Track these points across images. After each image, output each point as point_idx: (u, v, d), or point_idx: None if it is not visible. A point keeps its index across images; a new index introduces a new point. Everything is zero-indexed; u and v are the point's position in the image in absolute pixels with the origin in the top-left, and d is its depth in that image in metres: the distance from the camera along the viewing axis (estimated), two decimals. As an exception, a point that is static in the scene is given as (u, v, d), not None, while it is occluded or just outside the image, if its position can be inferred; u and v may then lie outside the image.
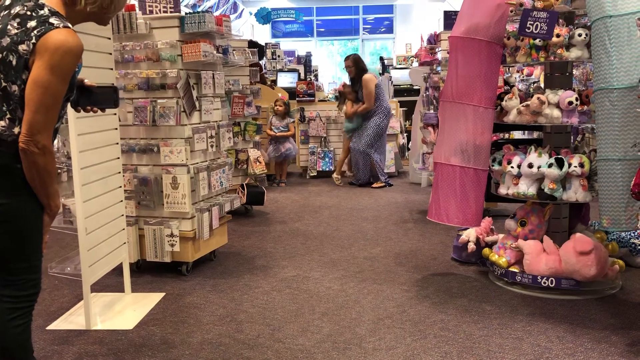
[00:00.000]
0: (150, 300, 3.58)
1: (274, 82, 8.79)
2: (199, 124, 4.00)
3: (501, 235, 3.94)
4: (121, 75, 3.87)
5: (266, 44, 10.16)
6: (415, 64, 7.41)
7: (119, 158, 3.52)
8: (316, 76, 10.40)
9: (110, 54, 3.44)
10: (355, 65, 7.46)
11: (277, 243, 4.88)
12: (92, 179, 3.20)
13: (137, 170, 3.97)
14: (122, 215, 3.58)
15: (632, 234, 3.93)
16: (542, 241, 3.55)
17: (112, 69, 3.47)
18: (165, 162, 3.87)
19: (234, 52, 4.78)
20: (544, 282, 3.47)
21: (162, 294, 3.67)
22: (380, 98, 7.40)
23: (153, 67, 3.85)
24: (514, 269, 3.64)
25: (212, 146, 4.11)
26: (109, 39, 3.42)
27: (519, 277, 3.58)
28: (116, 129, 3.49)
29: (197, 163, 3.98)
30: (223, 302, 3.53)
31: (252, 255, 4.54)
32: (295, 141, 7.90)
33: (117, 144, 3.51)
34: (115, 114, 3.47)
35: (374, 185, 7.49)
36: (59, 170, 5.82)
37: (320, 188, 7.53)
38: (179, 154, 3.83)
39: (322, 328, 3.14)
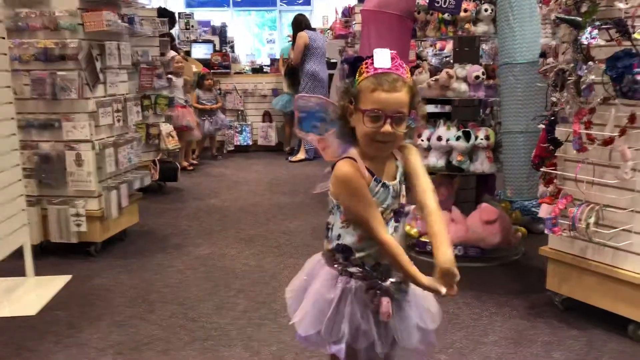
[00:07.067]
0: (55, 283, 3.41)
1: (188, 53, 8.48)
2: (104, 97, 3.80)
3: (412, 207, 4.03)
4: (15, 45, 3.59)
5: (180, 13, 9.77)
6: (331, 36, 7.40)
7: (15, 134, 3.29)
8: (232, 48, 10.12)
9: (1, 21, 3.18)
10: (293, 26, 7.33)
11: (192, 220, 4.77)
12: (-15, 157, 2.98)
13: (37, 147, 3.73)
14: (22, 195, 3.36)
15: (533, 203, 4.14)
16: (450, 211, 3.67)
17: (4, 38, 3.21)
18: (67, 138, 3.66)
19: (141, 21, 4.55)
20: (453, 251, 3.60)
21: (68, 277, 3.50)
22: (306, 59, 7.13)
23: (51, 37, 3.60)
24: (424, 239, 3.75)
25: (118, 120, 3.92)
26: (-1, 5, 3.16)
27: (430, 247, 3.68)
28: (11, 102, 3.25)
29: (103, 139, 3.80)
30: (134, 283, 3.42)
31: (166, 233, 4.42)
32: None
33: (13, 119, 3.27)
34: (8, 86, 3.23)
35: (293, 159, 7.46)
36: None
37: (237, 163, 7.43)
38: (83, 129, 3.63)
39: (237, 305, 3.11)
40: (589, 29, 2.40)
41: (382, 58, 1.57)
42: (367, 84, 1.55)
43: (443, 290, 1.52)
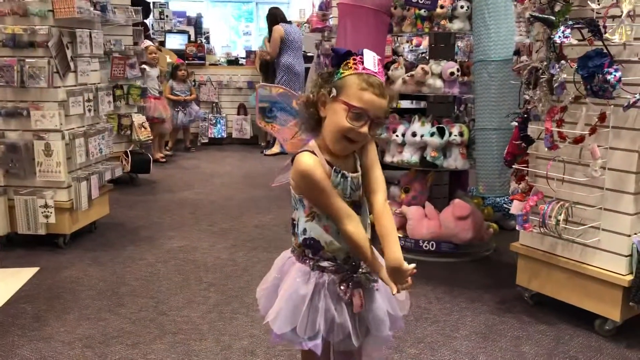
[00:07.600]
0: (22, 275, 3.33)
1: (162, 43, 8.36)
2: (75, 86, 3.72)
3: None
4: (-18, 30, 3.50)
5: (154, 2, 9.62)
6: (308, 30, 7.36)
7: (-20, 122, 3.20)
8: (207, 39, 10.01)
9: (-33, 5, 3.09)
10: (268, 20, 7.29)
11: (164, 213, 4.71)
12: (-52, 146, 2.89)
13: (4, 136, 3.63)
14: (-13, 185, 3.28)
15: (505, 199, 4.19)
16: (424, 207, 3.69)
17: (-31, 23, 3.12)
18: (36, 127, 3.57)
19: (114, 9, 4.47)
20: (425, 246, 3.63)
21: (35, 269, 3.43)
22: (282, 52, 7.07)
23: (20, 22, 3.51)
24: (398, 234, 3.75)
25: (89, 110, 3.85)
26: (-35, -12, 3.06)
27: (403, 242, 3.70)
28: (-24, 90, 3.17)
29: (73, 128, 3.72)
30: (104, 276, 3.36)
31: (137, 226, 4.36)
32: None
33: (-22, 106, 3.19)
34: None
35: (268, 152, 7.43)
36: None
37: (211, 155, 7.36)
38: (52, 118, 3.55)
39: (208, 299, 3.08)
40: (562, 28, 2.42)
41: (372, 60, 1.55)
42: (356, 81, 1.52)
43: (394, 290, 1.53)
